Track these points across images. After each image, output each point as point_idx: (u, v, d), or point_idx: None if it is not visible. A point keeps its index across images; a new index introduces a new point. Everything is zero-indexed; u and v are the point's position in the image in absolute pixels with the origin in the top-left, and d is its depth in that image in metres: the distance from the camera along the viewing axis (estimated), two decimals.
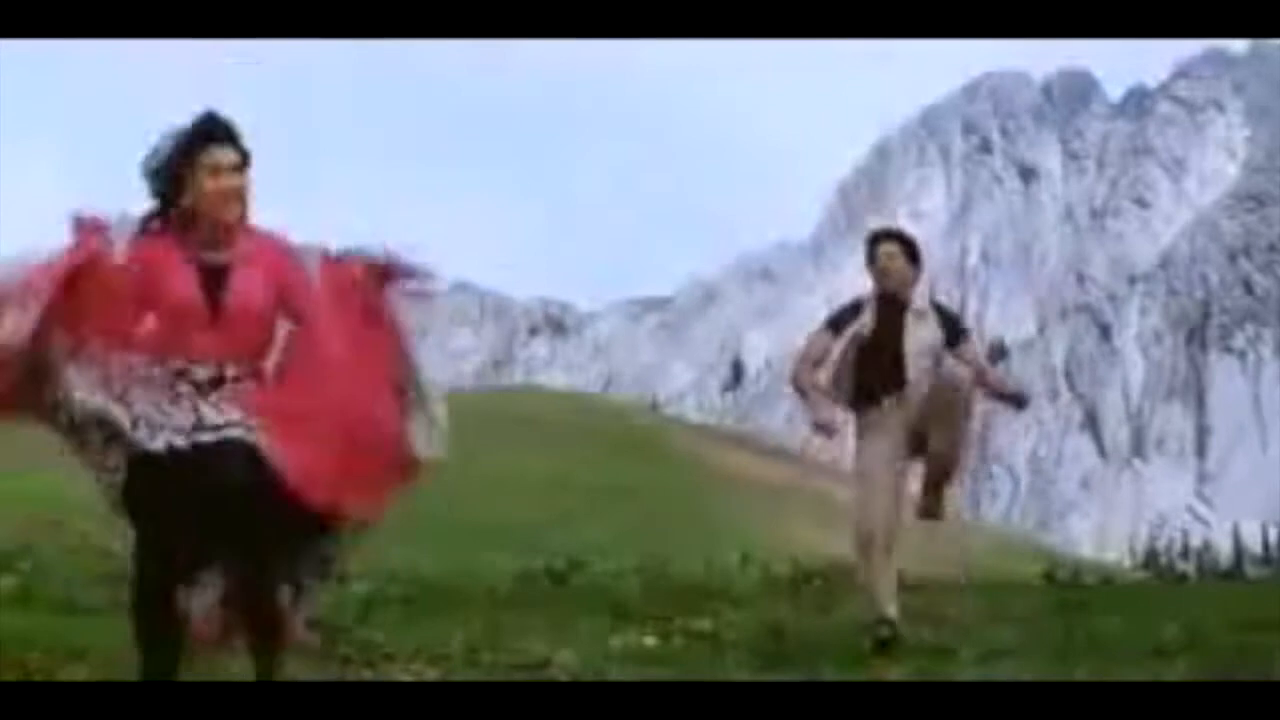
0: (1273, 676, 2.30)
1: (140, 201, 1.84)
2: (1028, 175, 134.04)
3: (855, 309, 3.06)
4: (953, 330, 3.07)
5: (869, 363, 2.97)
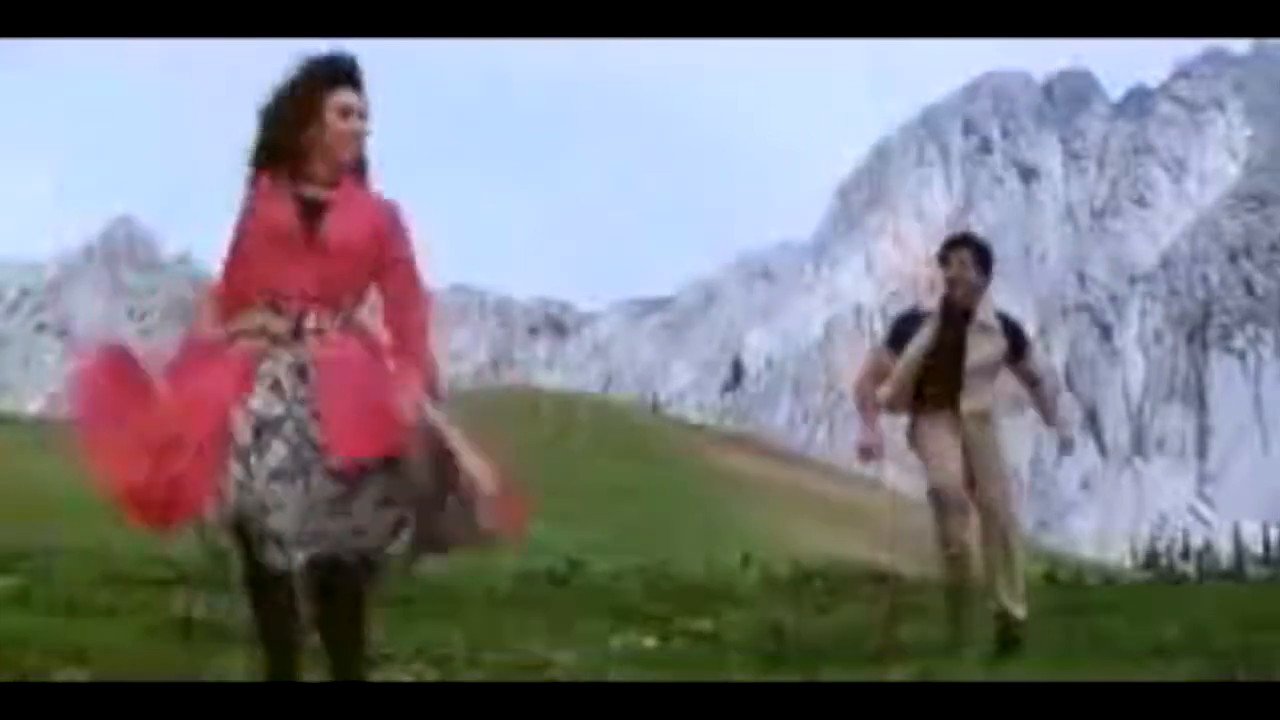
0: (1274, 677, 2.29)
1: (138, 200, 1.82)
2: (1028, 175, 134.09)
3: (916, 319, 3.01)
4: (1016, 343, 3.02)
5: (928, 375, 2.92)
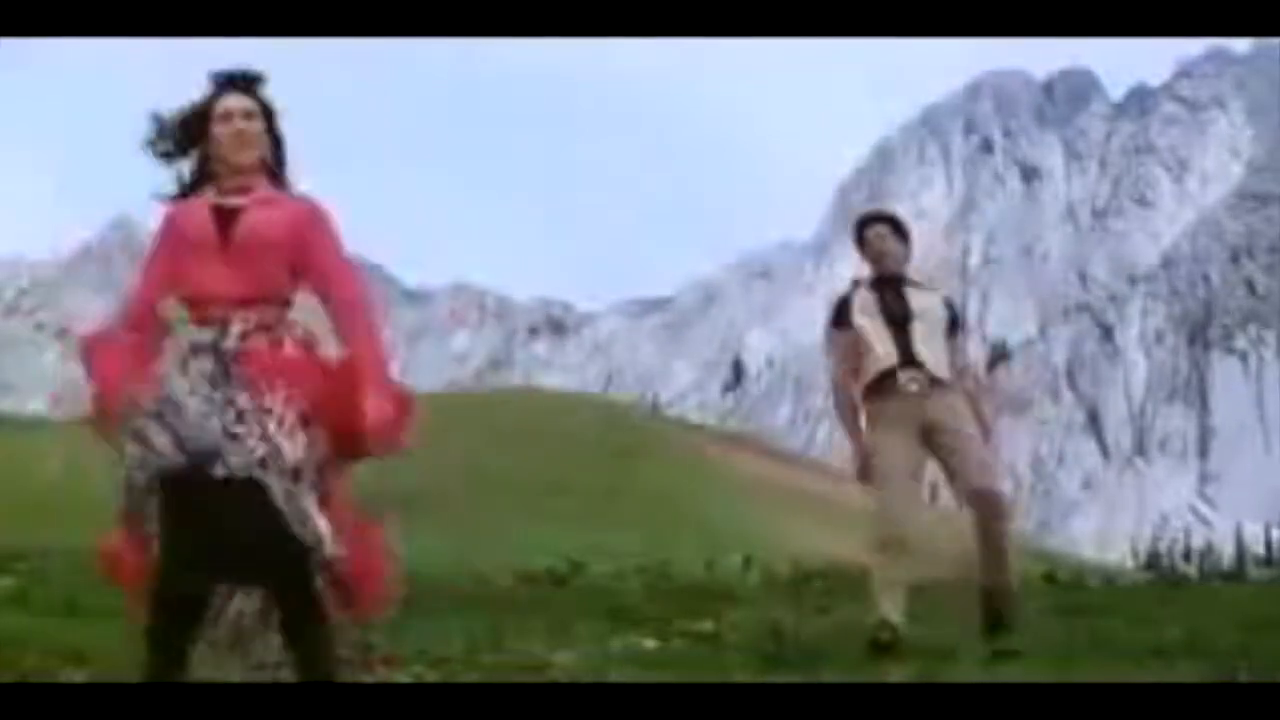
0: (1276, 678, 2.28)
1: (137, 200, 1.85)
2: (1029, 175, 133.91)
3: (847, 298, 2.95)
4: (953, 316, 2.99)
5: (879, 339, 2.87)
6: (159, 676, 1.73)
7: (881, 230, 2.98)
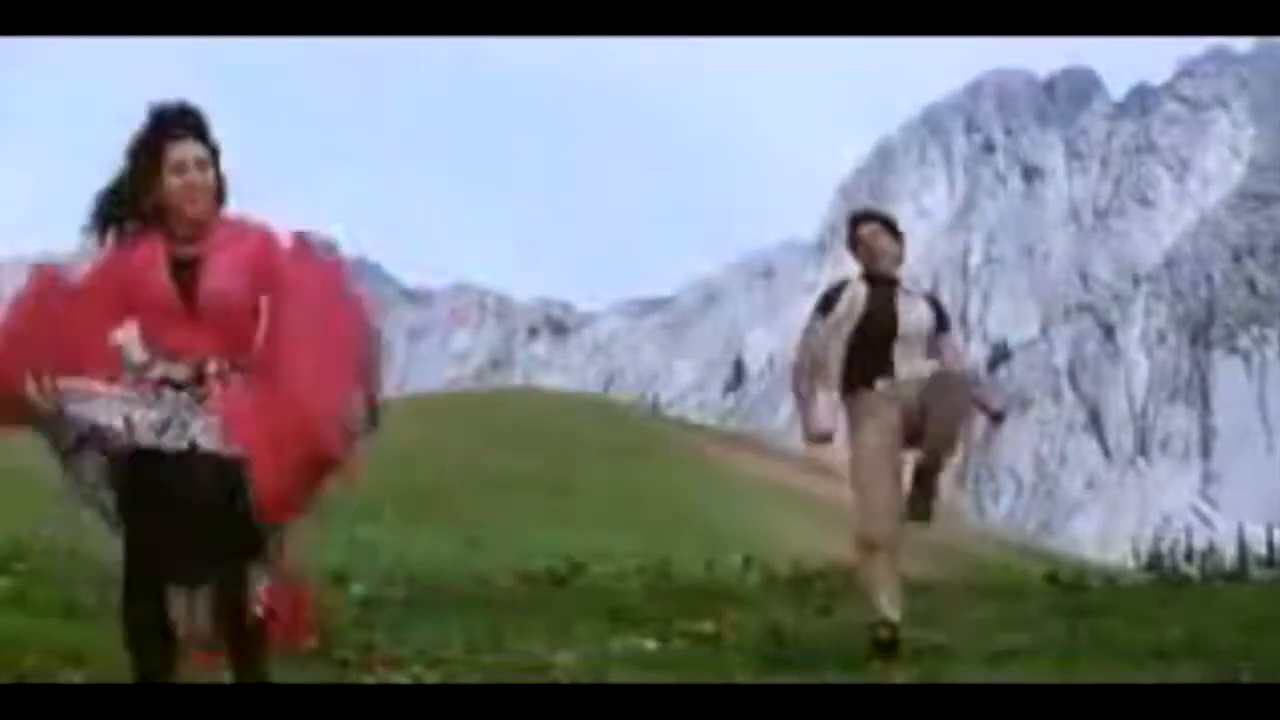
0: (1277, 679, 2.27)
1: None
2: (1031, 174, 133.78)
3: (840, 287, 2.95)
4: (940, 316, 2.99)
5: (861, 345, 2.87)
6: (150, 667, 1.72)
7: (874, 229, 2.98)
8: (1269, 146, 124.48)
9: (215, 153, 1.83)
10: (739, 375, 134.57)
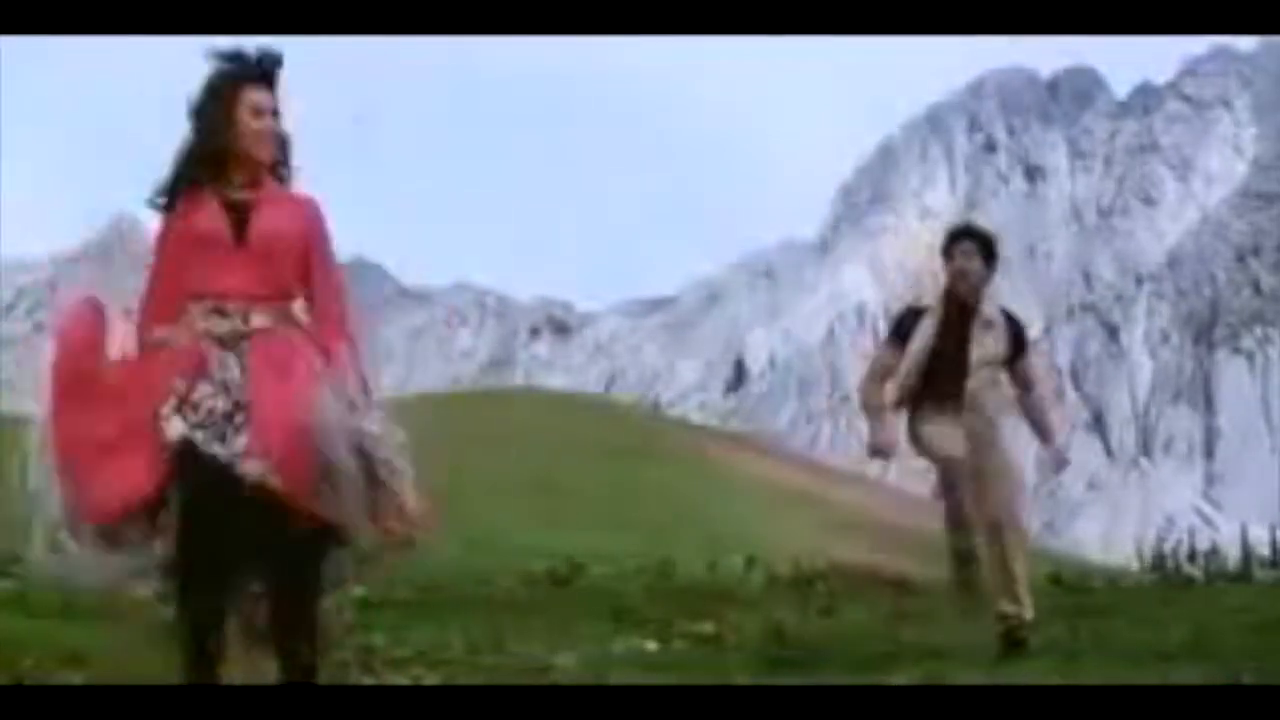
0: None
1: (135, 199, 1.85)
2: (1033, 174, 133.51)
3: (918, 314, 2.95)
4: (1017, 342, 2.97)
5: (931, 372, 2.87)
6: (196, 673, 1.73)
7: (969, 248, 2.95)
8: (1272, 145, 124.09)
9: (278, 107, 1.84)
10: (740, 375, 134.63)
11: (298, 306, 1.82)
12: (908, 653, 2.81)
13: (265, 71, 1.83)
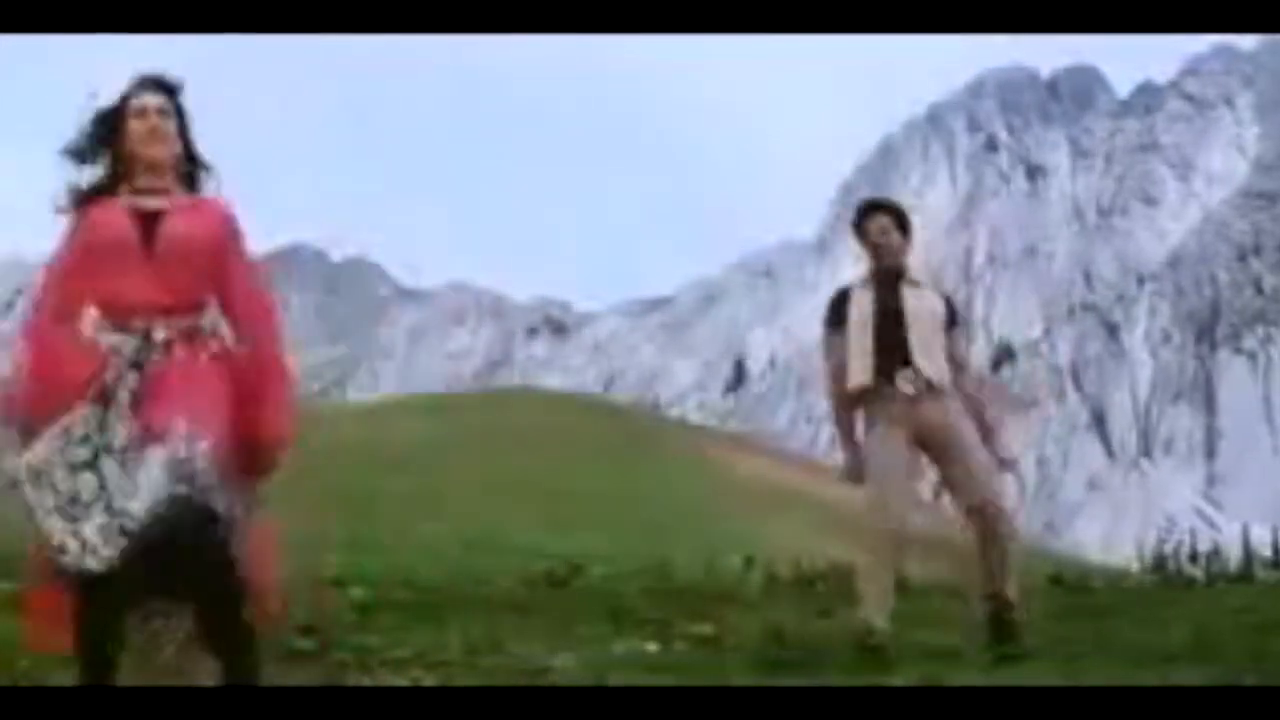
0: None
1: None
2: (1034, 173, 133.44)
3: (844, 295, 2.96)
4: (951, 310, 2.98)
5: (879, 341, 2.85)
6: (101, 673, 1.72)
7: (883, 222, 2.96)
8: (1275, 145, 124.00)
9: (183, 114, 1.85)
10: (739, 375, 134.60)
11: (209, 317, 1.80)
12: (907, 653, 2.80)
13: (157, 81, 1.84)
